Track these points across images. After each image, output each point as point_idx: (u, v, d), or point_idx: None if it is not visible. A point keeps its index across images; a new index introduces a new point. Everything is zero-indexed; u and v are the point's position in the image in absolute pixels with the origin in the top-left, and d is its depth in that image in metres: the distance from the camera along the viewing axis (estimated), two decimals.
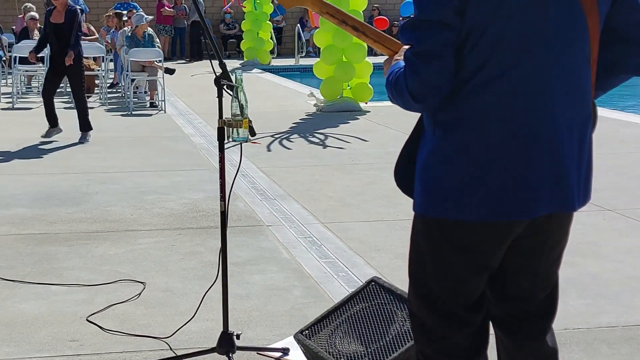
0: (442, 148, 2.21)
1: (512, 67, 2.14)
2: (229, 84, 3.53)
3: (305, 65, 19.22)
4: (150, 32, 13.12)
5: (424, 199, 2.27)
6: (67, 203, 6.60)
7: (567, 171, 2.22)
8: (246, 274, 4.84)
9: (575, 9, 2.17)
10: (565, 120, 2.20)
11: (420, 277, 2.39)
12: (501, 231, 2.25)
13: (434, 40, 2.12)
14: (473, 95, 2.16)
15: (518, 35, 2.13)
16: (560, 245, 2.41)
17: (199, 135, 10.08)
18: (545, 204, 2.22)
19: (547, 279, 2.44)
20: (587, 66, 2.25)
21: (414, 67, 2.15)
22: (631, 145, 8.90)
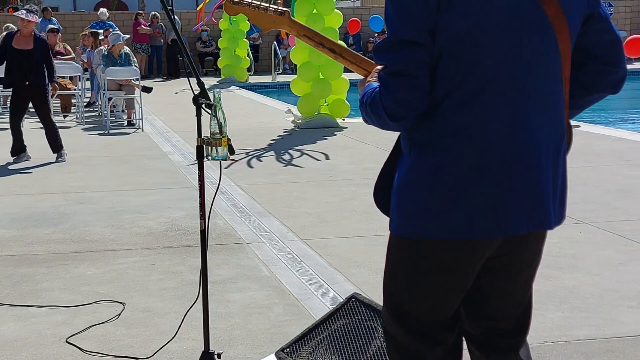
0: (417, 168, 2.23)
1: (486, 88, 2.16)
2: (207, 103, 3.54)
3: (282, 82, 19.26)
4: (127, 51, 13.10)
5: (399, 219, 2.28)
6: (45, 224, 6.57)
7: (542, 189, 2.24)
8: (226, 292, 4.84)
9: (546, 30, 2.20)
10: (539, 139, 2.22)
11: (395, 295, 2.41)
12: (476, 250, 2.27)
13: (407, 60, 2.14)
14: (448, 116, 2.18)
15: (491, 57, 2.16)
16: (535, 263, 2.44)
17: (178, 153, 10.07)
18: (521, 222, 2.23)
19: (521, 297, 2.46)
20: (560, 85, 2.28)
21: (388, 86, 2.17)
22: (606, 158, 9.00)
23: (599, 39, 2.32)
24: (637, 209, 6.67)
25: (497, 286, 2.40)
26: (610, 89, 2.40)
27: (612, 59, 2.35)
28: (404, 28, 2.15)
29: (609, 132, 11.07)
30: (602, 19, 2.32)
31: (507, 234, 2.24)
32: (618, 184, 7.64)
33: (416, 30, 2.13)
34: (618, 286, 4.81)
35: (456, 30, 2.13)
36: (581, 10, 2.27)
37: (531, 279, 2.46)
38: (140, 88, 12.72)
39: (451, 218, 2.20)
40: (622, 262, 5.28)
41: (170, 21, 3.67)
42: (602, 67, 2.35)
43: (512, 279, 2.41)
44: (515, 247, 2.33)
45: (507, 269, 2.38)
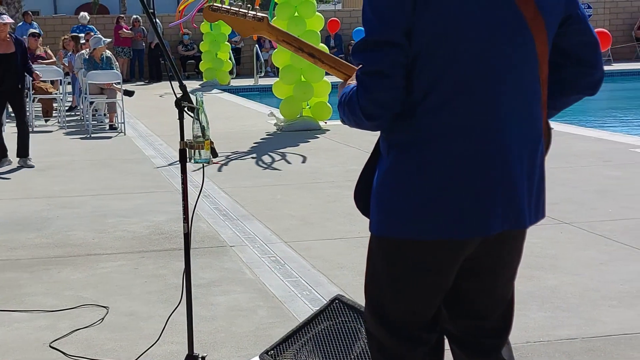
0: (395, 169, 2.25)
1: (461, 89, 2.19)
2: (189, 106, 3.55)
3: (265, 85, 19.27)
4: (109, 55, 13.07)
5: (378, 219, 2.30)
6: (28, 228, 6.55)
7: (517, 189, 2.26)
8: (210, 295, 4.85)
9: (523, 30, 2.22)
10: (514, 140, 2.25)
11: (376, 296, 2.43)
12: (455, 250, 2.29)
13: (382, 60, 2.17)
14: (425, 118, 2.20)
15: (466, 58, 2.17)
16: (514, 263, 2.45)
17: (160, 157, 10.06)
18: (498, 222, 2.25)
19: (502, 297, 2.48)
20: (537, 86, 2.30)
21: (365, 86, 2.20)
22: (585, 159, 9.07)
23: (577, 40, 2.34)
24: (617, 209, 6.73)
25: (477, 287, 2.42)
26: (588, 91, 2.42)
27: (590, 61, 2.37)
28: (379, 28, 2.17)
29: (588, 133, 11.16)
30: (580, 21, 2.34)
31: (483, 234, 2.26)
32: (598, 185, 7.70)
33: (391, 31, 2.16)
34: (599, 286, 4.86)
35: (432, 31, 2.15)
36: (559, 12, 2.29)
37: (512, 278, 2.48)
38: (122, 92, 12.69)
39: (428, 218, 2.22)
40: (602, 262, 5.33)
41: (152, 25, 3.69)
42: (579, 69, 2.37)
43: (492, 279, 2.43)
44: (493, 247, 2.34)
45: (487, 270, 2.40)
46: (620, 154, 9.34)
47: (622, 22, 25.88)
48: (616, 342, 4.03)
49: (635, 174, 8.17)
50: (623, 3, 28.29)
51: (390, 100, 2.19)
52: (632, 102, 18.04)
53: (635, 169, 8.46)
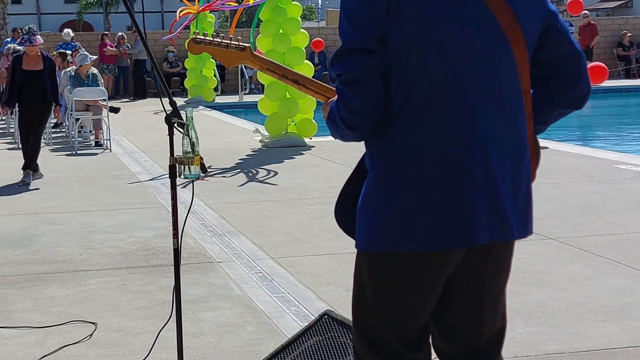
0: (378, 181, 2.26)
1: (435, 98, 2.20)
2: (179, 122, 3.57)
3: (249, 102, 19.30)
4: (94, 72, 13.07)
5: (362, 234, 2.29)
6: (15, 245, 6.54)
7: (502, 200, 2.25)
8: (198, 311, 4.86)
9: (498, 39, 2.22)
10: (494, 149, 2.24)
11: (362, 314, 2.40)
12: (440, 263, 2.27)
13: (358, 67, 2.19)
14: (404, 128, 2.21)
15: (439, 65, 2.19)
16: (502, 280, 2.43)
17: (146, 173, 10.06)
18: (483, 232, 2.23)
19: (492, 315, 2.44)
20: (517, 95, 2.29)
21: (343, 95, 2.22)
22: (569, 175, 9.14)
23: (557, 52, 2.35)
24: (601, 225, 6.79)
25: (464, 303, 2.40)
26: (574, 104, 2.42)
27: (573, 72, 2.37)
28: (354, 36, 2.20)
29: (572, 149, 11.24)
30: (560, 32, 2.34)
31: (468, 244, 2.24)
32: (582, 200, 7.77)
33: (365, 38, 2.18)
34: (584, 300, 4.90)
35: (405, 37, 2.17)
36: (537, 22, 2.29)
37: (500, 295, 2.45)
38: (107, 109, 12.69)
39: (412, 230, 2.21)
40: (587, 276, 5.38)
41: (143, 42, 3.69)
42: (563, 80, 2.37)
43: (480, 297, 2.40)
44: (479, 262, 2.33)
45: (473, 286, 2.38)
46: (604, 170, 9.43)
47: (604, 40, 26.11)
48: (603, 356, 4.07)
49: (619, 190, 8.24)
50: (604, 21, 28.55)
51: (368, 109, 2.21)
52: (615, 118, 18.20)
53: (619, 184, 8.54)
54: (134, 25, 3.66)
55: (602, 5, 60.59)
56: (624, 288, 5.13)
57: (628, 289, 5.10)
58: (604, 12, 57.68)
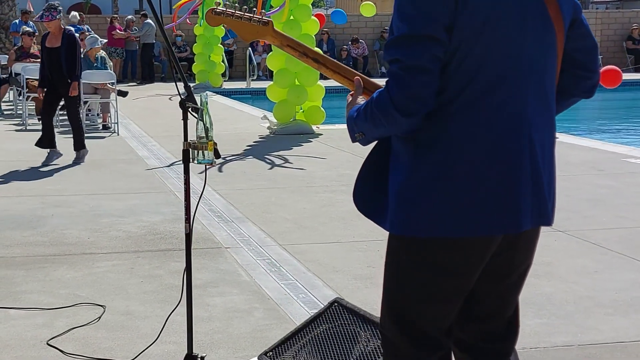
0: (425, 167, 2.24)
1: (494, 86, 2.21)
2: (194, 107, 3.56)
3: (257, 88, 19.29)
4: (103, 55, 13.05)
5: (406, 220, 2.28)
6: (23, 226, 6.54)
7: (543, 186, 2.31)
8: (207, 296, 4.86)
9: (549, 31, 2.27)
10: (539, 138, 2.29)
11: (398, 299, 2.39)
12: (486, 247, 2.30)
13: (423, 55, 2.16)
14: (457, 115, 2.22)
15: (500, 55, 2.21)
16: (526, 263, 2.47)
17: (154, 157, 10.05)
18: (528, 218, 2.29)
19: (512, 299, 2.50)
20: (554, 89, 2.35)
21: (402, 81, 2.18)
22: (579, 168, 9.12)
23: (580, 44, 2.40)
24: (610, 218, 6.77)
25: (489, 285, 2.43)
26: (585, 94, 2.49)
27: (590, 65, 2.43)
28: (421, 23, 2.17)
29: (581, 142, 11.21)
30: (584, 25, 2.40)
31: (515, 230, 2.28)
32: (591, 193, 7.75)
33: (433, 26, 2.16)
34: (593, 293, 4.89)
35: (470, 26, 2.17)
36: (570, 14, 2.34)
37: (520, 281, 2.49)
38: (116, 92, 12.67)
39: (462, 215, 2.23)
40: (597, 270, 5.37)
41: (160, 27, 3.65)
42: (580, 72, 2.43)
43: (504, 278, 2.44)
44: (512, 244, 2.37)
45: (500, 268, 2.41)
46: (613, 163, 9.40)
47: (613, 33, 26.03)
48: (612, 350, 4.06)
49: (628, 184, 8.22)
50: (614, 14, 28.45)
51: (428, 96, 2.18)
52: (625, 112, 18.16)
53: (628, 178, 8.51)
54: (151, 9, 3.61)
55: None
56: (634, 282, 5.11)
57: (637, 283, 5.09)
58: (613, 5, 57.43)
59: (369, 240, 5.84)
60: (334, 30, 24.12)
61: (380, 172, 2.38)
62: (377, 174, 2.39)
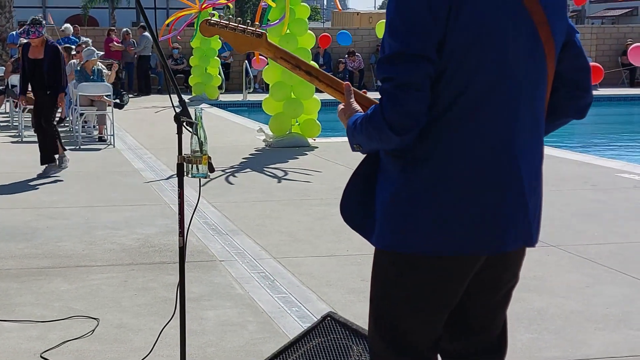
0: (414, 183, 2.27)
1: (482, 105, 2.24)
2: (188, 121, 3.59)
3: (253, 101, 19.34)
4: (100, 67, 13.09)
5: (393, 236, 2.30)
6: (17, 238, 6.56)
7: (529, 207, 2.33)
8: (200, 309, 4.88)
9: (538, 52, 2.30)
10: (528, 156, 2.32)
11: (384, 312, 2.42)
12: (470, 265, 2.33)
13: (415, 73, 2.18)
14: (445, 131, 2.24)
15: (489, 74, 2.23)
16: (512, 281, 2.50)
17: (149, 169, 10.07)
18: (514, 239, 2.32)
19: (499, 314, 2.53)
20: (544, 106, 2.38)
21: (394, 99, 2.20)
22: (571, 182, 9.16)
23: (573, 64, 2.42)
24: (602, 233, 6.81)
25: (476, 302, 2.46)
26: (577, 114, 2.49)
27: (583, 85, 2.45)
28: (413, 41, 2.19)
29: (575, 157, 11.26)
30: (577, 46, 2.43)
31: (502, 250, 2.31)
32: (584, 208, 7.79)
33: (425, 44, 2.18)
34: (584, 308, 4.92)
35: (460, 43, 2.20)
36: (562, 36, 2.37)
37: (507, 297, 2.52)
38: (112, 104, 12.71)
39: (450, 233, 2.25)
40: (588, 284, 5.40)
41: (154, 39, 3.70)
42: (573, 92, 2.45)
43: (491, 294, 2.47)
44: (496, 263, 2.39)
45: (487, 283, 2.44)
46: (606, 178, 9.44)
47: (608, 48, 26.15)
48: None
49: (620, 199, 8.26)
50: (610, 29, 28.58)
51: (420, 113, 2.20)
52: (618, 127, 18.23)
53: (621, 193, 8.56)
54: (145, 22, 3.66)
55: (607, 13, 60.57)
56: (624, 297, 5.14)
57: (628, 298, 5.12)
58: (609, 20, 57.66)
59: (363, 254, 5.87)
60: (331, 44, 24.17)
61: (368, 185, 2.40)
62: (365, 187, 2.41)
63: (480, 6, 2.20)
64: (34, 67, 9.53)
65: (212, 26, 2.78)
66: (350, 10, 44.08)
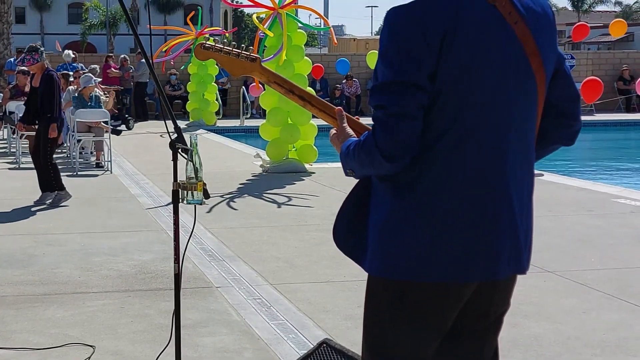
0: (406, 210, 2.28)
1: (474, 131, 2.26)
2: (184, 148, 3.61)
3: (250, 126, 19.40)
4: (97, 94, 13.14)
5: (383, 261, 2.32)
6: (14, 265, 6.55)
7: (520, 234, 2.35)
8: (196, 336, 4.87)
9: (530, 81, 2.32)
10: (518, 184, 2.33)
11: (378, 340, 2.43)
12: (461, 292, 2.34)
13: (408, 102, 2.20)
14: (437, 159, 2.25)
15: (481, 102, 2.25)
16: (503, 307, 2.50)
17: (146, 195, 10.08)
18: (505, 266, 2.33)
19: (491, 340, 2.52)
20: (534, 137, 2.40)
21: (387, 127, 2.22)
22: (569, 208, 9.17)
23: (562, 93, 2.45)
24: (599, 258, 6.81)
25: (467, 328, 2.47)
26: (567, 141, 2.53)
27: (572, 113, 2.49)
28: (405, 70, 2.20)
29: (571, 182, 11.27)
30: (566, 75, 2.46)
31: (494, 278, 2.32)
32: (580, 234, 7.79)
33: (418, 73, 2.20)
34: (581, 334, 4.91)
35: (451, 74, 2.22)
36: (553, 65, 2.40)
37: (498, 323, 2.52)
38: (109, 130, 12.74)
39: (439, 260, 2.26)
40: (584, 310, 5.39)
41: (149, 65, 3.74)
42: (562, 120, 2.48)
43: (481, 321, 2.47)
44: (487, 290, 2.40)
45: (477, 312, 2.44)
46: (603, 203, 9.46)
47: (604, 74, 26.26)
48: None
49: (617, 224, 8.27)
50: (605, 54, 28.75)
51: (413, 141, 2.22)
52: (614, 152, 18.27)
53: (617, 218, 8.57)
54: (140, 48, 3.70)
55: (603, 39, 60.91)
56: (621, 323, 5.14)
57: (625, 324, 5.11)
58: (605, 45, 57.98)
59: (360, 280, 5.84)
60: (327, 70, 24.29)
61: (361, 211, 2.42)
62: (357, 213, 2.43)
63: (473, 36, 2.23)
64: (33, 95, 9.56)
65: (206, 50, 2.81)
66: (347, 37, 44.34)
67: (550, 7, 2.44)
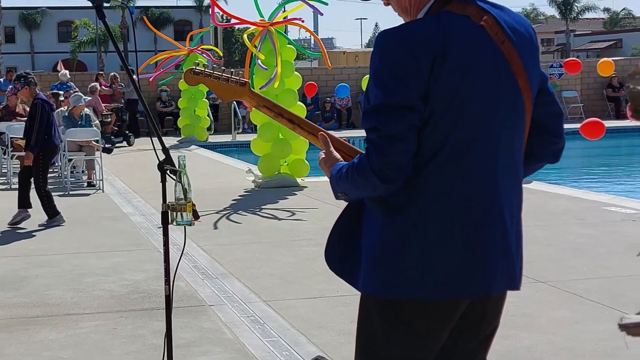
0: (396, 229, 2.30)
1: (464, 152, 2.28)
2: (172, 169, 3.62)
3: (242, 141, 19.39)
4: (87, 112, 13.15)
5: (376, 280, 2.33)
6: (6, 287, 6.54)
7: (511, 250, 2.37)
8: (190, 356, 4.86)
9: (519, 97, 2.36)
10: (507, 201, 2.36)
11: (369, 356, 2.44)
12: (455, 309, 2.36)
13: (400, 123, 2.22)
14: (428, 178, 2.28)
15: (472, 122, 2.28)
16: (494, 324, 2.52)
17: (138, 214, 10.08)
18: (498, 283, 2.35)
19: (480, 357, 2.54)
20: (522, 155, 2.44)
21: (380, 149, 2.24)
22: (560, 217, 9.19)
23: (546, 111, 2.49)
24: (591, 268, 6.83)
25: (457, 345, 2.47)
26: (551, 159, 2.56)
27: (556, 130, 2.52)
28: (398, 92, 2.23)
29: (562, 191, 11.31)
30: (549, 93, 2.50)
31: (487, 294, 2.34)
32: (572, 243, 7.81)
33: (410, 96, 2.22)
34: (574, 345, 4.92)
35: (443, 95, 2.24)
36: (537, 84, 2.44)
37: (488, 339, 2.54)
38: (100, 149, 12.74)
39: (432, 279, 2.28)
40: (577, 320, 5.41)
41: (133, 82, 3.76)
42: (546, 138, 2.51)
43: (471, 338, 2.49)
44: (479, 307, 2.42)
45: (468, 328, 2.46)
46: (594, 212, 9.48)
47: (593, 81, 26.38)
48: None
49: (609, 233, 8.29)
50: (595, 62, 28.84)
51: (406, 162, 2.24)
52: (605, 160, 18.34)
53: (608, 227, 8.59)
54: (124, 66, 3.72)
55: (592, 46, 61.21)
56: (613, 332, 5.14)
57: (617, 334, 5.06)
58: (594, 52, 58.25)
59: (354, 294, 5.81)
60: (318, 83, 24.35)
61: (353, 231, 2.44)
62: (349, 233, 2.45)
63: (463, 57, 2.26)
64: None
65: (196, 75, 2.84)
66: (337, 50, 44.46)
67: (532, 28, 2.47)
